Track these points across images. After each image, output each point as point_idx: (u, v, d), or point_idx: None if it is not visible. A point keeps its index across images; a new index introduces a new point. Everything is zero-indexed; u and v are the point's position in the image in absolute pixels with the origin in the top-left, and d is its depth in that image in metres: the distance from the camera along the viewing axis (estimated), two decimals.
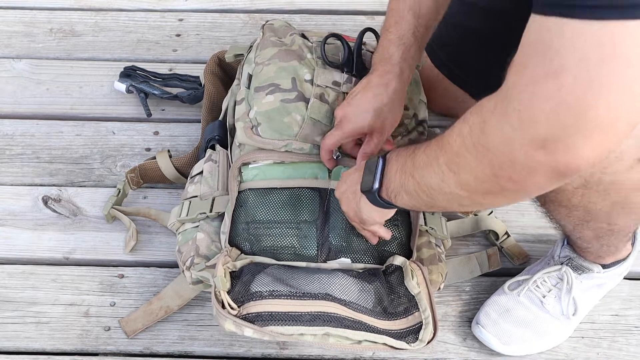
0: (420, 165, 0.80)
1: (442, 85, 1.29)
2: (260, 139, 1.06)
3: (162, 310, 1.11)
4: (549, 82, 0.62)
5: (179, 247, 1.08)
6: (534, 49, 0.64)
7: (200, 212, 1.08)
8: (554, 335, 1.08)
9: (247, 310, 0.92)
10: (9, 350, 1.10)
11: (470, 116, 0.73)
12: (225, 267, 0.97)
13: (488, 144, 0.69)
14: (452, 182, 0.76)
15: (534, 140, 0.65)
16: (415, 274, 0.99)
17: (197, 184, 1.12)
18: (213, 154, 1.14)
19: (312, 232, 1.03)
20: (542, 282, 1.08)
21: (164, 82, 1.41)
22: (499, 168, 0.69)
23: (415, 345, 0.94)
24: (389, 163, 0.88)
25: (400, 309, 0.98)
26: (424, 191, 0.81)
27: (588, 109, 0.61)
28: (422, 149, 0.82)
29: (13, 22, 1.57)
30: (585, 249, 1.04)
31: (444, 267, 1.07)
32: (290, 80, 1.08)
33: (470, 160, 0.72)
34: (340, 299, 0.95)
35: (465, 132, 0.72)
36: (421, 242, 1.08)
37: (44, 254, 1.20)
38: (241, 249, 1.03)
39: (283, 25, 1.21)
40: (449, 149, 0.75)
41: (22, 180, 1.30)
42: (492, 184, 0.72)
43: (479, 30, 1.20)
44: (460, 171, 0.74)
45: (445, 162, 0.76)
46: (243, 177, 1.07)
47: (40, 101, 1.42)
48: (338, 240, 1.03)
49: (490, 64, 1.21)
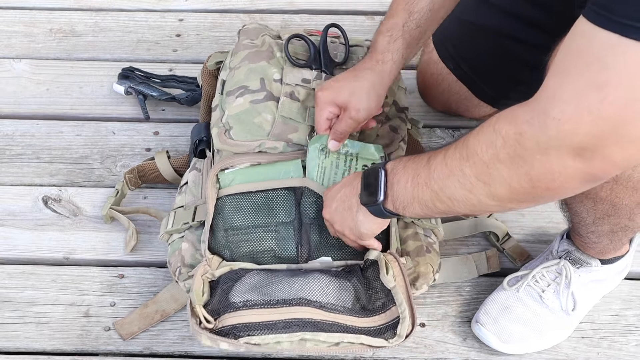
0: (440, 176, 0.80)
1: (446, 82, 1.29)
2: (233, 142, 1.07)
3: (158, 314, 1.10)
4: (592, 94, 0.64)
5: (169, 258, 1.08)
6: (580, 58, 0.65)
7: (184, 222, 1.08)
8: (554, 333, 1.08)
9: (222, 323, 0.92)
10: (9, 351, 1.10)
11: (503, 126, 0.72)
12: (204, 278, 0.97)
13: (525, 155, 0.70)
14: (482, 193, 0.76)
15: (571, 149, 0.67)
16: (390, 266, 0.97)
17: (183, 194, 1.13)
18: (197, 162, 1.15)
19: (290, 233, 1.03)
20: (541, 277, 1.08)
21: (161, 84, 1.41)
22: (537, 179, 0.70)
23: (394, 340, 0.93)
24: (392, 174, 0.87)
25: (377, 304, 0.97)
26: (443, 202, 0.81)
27: (627, 124, 0.64)
28: (438, 158, 0.81)
29: (13, 22, 1.57)
30: (591, 244, 1.04)
31: (435, 258, 1.06)
32: (258, 81, 1.10)
33: (504, 171, 0.72)
34: (316, 301, 0.95)
35: (498, 144, 0.72)
36: (407, 234, 1.07)
37: (44, 254, 1.20)
38: (222, 257, 1.03)
39: (258, 27, 1.22)
40: (477, 160, 0.75)
41: (22, 181, 1.30)
42: (529, 193, 0.73)
43: (489, 28, 1.21)
44: (492, 183, 0.74)
45: (473, 174, 0.76)
46: (221, 183, 1.07)
47: (40, 101, 1.42)
48: (316, 240, 1.03)
49: (497, 62, 1.22)
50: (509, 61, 1.20)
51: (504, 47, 1.19)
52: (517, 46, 1.17)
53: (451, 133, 1.37)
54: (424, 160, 0.83)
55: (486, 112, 1.32)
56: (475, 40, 1.24)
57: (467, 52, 1.26)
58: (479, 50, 1.23)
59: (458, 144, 0.78)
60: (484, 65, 1.24)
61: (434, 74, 1.30)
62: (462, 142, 0.78)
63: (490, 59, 1.23)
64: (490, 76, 1.25)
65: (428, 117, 1.38)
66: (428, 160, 0.82)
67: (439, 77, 1.29)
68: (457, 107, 1.34)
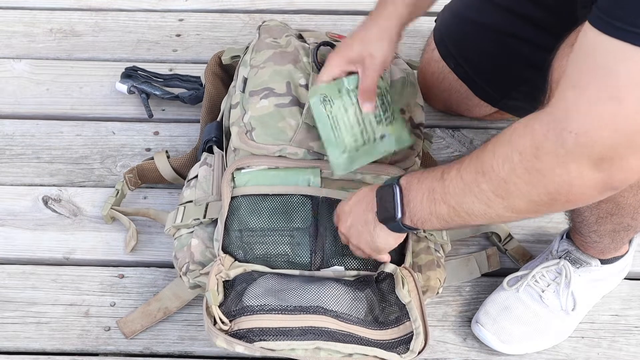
0: (456, 192, 0.80)
1: (447, 80, 1.29)
2: (254, 144, 1.06)
3: (160, 312, 1.11)
4: (609, 107, 0.64)
5: (175, 252, 1.07)
6: (591, 68, 0.65)
7: (194, 218, 1.07)
8: (554, 333, 1.08)
9: (238, 326, 0.92)
10: (9, 351, 1.10)
11: (519, 140, 0.72)
12: (218, 277, 0.97)
13: (543, 169, 0.70)
14: (499, 207, 0.76)
15: (590, 161, 0.67)
16: (406, 281, 0.98)
17: (192, 188, 1.12)
18: (209, 157, 1.14)
19: (305, 240, 1.03)
20: (541, 277, 1.08)
21: (165, 83, 1.41)
22: (556, 192, 0.71)
23: (407, 356, 0.93)
24: (407, 190, 0.86)
25: (391, 317, 0.97)
26: (461, 216, 0.81)
27: None
28: (452, 172, 0.80)
29: (13, 22, 1.57)
30: (592, 243, 1.04)
31: (443, 272, 1.06)
32: (284, 85, 1.08)
33: (522, 186, 0.73)
34: (331, 310, 0.95)
35: (515, 159, 0.72)
36: (419, 247, 1.07)
37: (44, 254, 1.20)
38: (235, 257, 1.03)
39: (279, 25, 1.20)
40: (494, 176, 0.75)
41: (22, 181, 1.30)
42: (547, 204, 0.73)
43: (491, 26, 1.21)
44: (510, 197, 0.74)
45: (491, 189, 0.76)
46: (236, 182, 1.06)
47: (41, 101, 1.42)
48: (331, 248, 1.03)
49: (499, 61, 1.22)
50: (511, 60, 1.20)
51: (507, 46, 1.19)
52: (520, 45, 1.17)
53: (451, 133, 1.37)
54: (438, 174, 0.83)
55: (487, 112, 1.32)
56: (477, 39, 1.24)
57: (468, 50, 1.26)
58: (481, 49, 1.23)
59: (472, 158, 0.78)
60: (485, 65, 1.24)
61: (434, 72, 1.30)
62: (475, 157, 0.77)
63: (492, 58, 1.23)
64: (492, 75, 1.25)
65: (428, 117, 1.37)
66: (442, 175, 0.82)
67: (440, 75, 1.29)
68: (457, 106, 1.34)
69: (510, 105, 1.28)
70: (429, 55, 1.31)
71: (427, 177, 0.84)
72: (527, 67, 1.13)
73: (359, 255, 1.00)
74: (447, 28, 1.21)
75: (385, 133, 1.05)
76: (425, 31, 1.42)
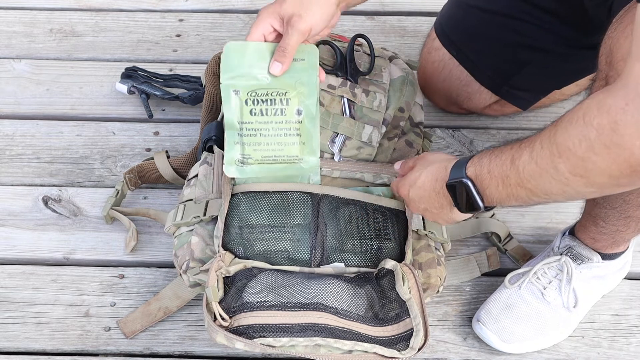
0: (532, 175, 0.79)
1: (447, 68, 1.30)
2: None
3: (160, 311, 1.11)
4: None
5: (175, 251, 1.07)
6: None
7: (194, 215, 1.07)
8: (555, 332, 1.08)
9: (238, 322, 0.92)
10: (9, 351, 1.10)
11: (594, 117, 0.72)
12: (219, 273, 0.97)
13: (624, 143, 0.70)
14: (579, 185, 0.76)
15: None
16: (406, 278, 0.98)
17: (192, 187, 1.12)
18: (209, 156, 1.14)
19: (305, 236, 1.03)
20: (543, 274, 1.08)
21: (165, 83, 1.41)
22: (638, 164, 0.70)
23: (407, 352, 0.93)
24: (479, 181, 0.86)
25: (391, 314, 0.97)
26: (539, 196, 0.81)
27: None
28: (524, 157, 0.80)
29: (13, 22, 1.57)
30: (610, 233, 1.04)
31: (443, 271, 1.07)
32: None
33: (601, 162, 0.72)
34: (331, 307, 0.95)
35: (592, 136, 0.72)
36: (420, 245, 1.07)
37: (44, 254, 1.20)
38: (235, 253, 1.03)
39: None
40: (571, 156, 0.74)
41: (22, 181, 1.30)
42: (629, 176, 0.72)
43: (498, 12, 1.22)
44: (589, 175, 0.74)
45: (568, 170, 0.75)
46: (236, 180, 1.07)
47: (41, 101, 1.42)
48: (331, 245, 1.03)
49: (502, 45, 1.23)
50: (516, 44, 1.21)
51: (513, 30, 1.21)
52: (527, 29, 1.19)
53: (451, 133, 1.37)
54: (507, 161, 0.82)
55: (486, 102, 1.32)
56: (482, 26, 1.25)
57: (472, 37, 1.27)
58: (486, 35, 1.25)
59: (543, 140, 0.78)
60: (489, 49, 1.25)
61: (435, 61, 1.31)
62: (547, 139, 0.77)
63: (497, 42, 1.24)
64: (495, 60, 1.26)
65: (428, 118, 1.37)
66: (512, 161, 0.82)
67: (441, 63, 1.30)
68: (457, 95, 1.33)
69: (511, 93, 1.29)
70: (430, 44, 1.32)
71: (496, 165, 0.84)
72: (532, 49, 1.16)
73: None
74: (450, 19, 1.21)
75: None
76: (425, 31, 1.43)
